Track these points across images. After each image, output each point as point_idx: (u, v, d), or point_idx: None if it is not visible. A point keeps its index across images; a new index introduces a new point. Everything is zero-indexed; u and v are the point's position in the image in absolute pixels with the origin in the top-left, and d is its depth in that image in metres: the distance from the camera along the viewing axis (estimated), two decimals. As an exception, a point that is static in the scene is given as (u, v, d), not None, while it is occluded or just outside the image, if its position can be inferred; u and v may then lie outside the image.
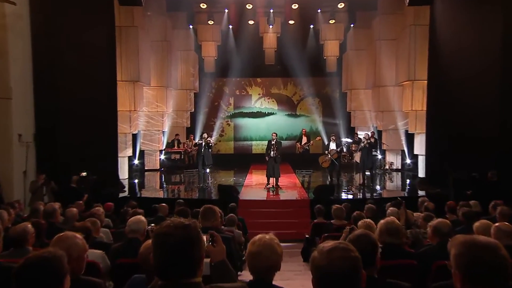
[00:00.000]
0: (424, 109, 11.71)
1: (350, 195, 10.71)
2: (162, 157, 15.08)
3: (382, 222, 3.44)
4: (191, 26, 15.74)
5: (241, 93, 18.05)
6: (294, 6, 14.69)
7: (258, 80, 17.97)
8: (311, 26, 16.47)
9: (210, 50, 16.26)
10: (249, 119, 17.93)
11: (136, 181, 12.99)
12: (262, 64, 16.73)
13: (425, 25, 11.52)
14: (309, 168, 13.42)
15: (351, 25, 15.70)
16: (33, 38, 9.49)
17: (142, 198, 9.90)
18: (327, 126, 17.04)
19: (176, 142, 15.22)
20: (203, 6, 14.65)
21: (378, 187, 11.90)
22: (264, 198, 10.11)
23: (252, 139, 17.87)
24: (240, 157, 17.05)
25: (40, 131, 9.55)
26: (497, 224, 3.54)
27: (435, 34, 10.98)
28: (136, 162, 13.93)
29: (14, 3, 8.49)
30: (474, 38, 9.47)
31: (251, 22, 15.81)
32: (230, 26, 16.22)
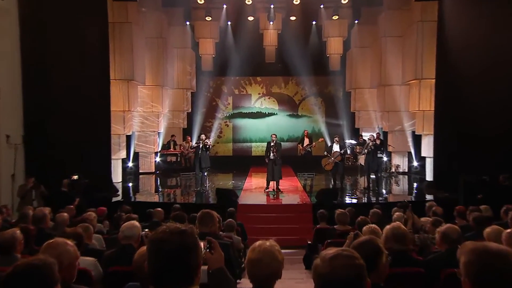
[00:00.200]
0: (432, 109, 11.70)
1: (355, 199, 10.70)
2: (158, 159, 15.07)
3: (388, 227, 3.44)
4: (188, 23, 15.77)
5: (240, 92, 18.07)
6: (296, 1, 14.70)
7: (258, 79, 17.99)
8: (314, 22, 16.50)
9: (208, 48, 16.27)
10: (248, 120, 17.94)
11: (130, 184, 12.98)
12: (262, 62, 16.75)
13: (433, 21, 11.51)
14: (311, 171, 13.44)
15: (356, 21, 15.71)
16: (21, 35, 9.49)
17: (136, 203, 9.88)
18: (330, 127, 17.06)
19: (172, 144, 15.23)
20: (201, 1, 14.68)
21: (384, 191, 11.90)
22: (264, 203, 10.10)
23: (251, 141, 17.89)
24: (239, 159, 17.06)
25: (29, 132, 9.55)
26: (509, 230, 3.54)
27: (444, 30, 10.98)
28: (130, 164, 13.94)
29: (2, -2, 8.51)
30: (484, 34, 9.49)
31: (251, 18, 15.83)
32: (229, 23, 16.25)
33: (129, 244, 3.71)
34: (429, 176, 12.40)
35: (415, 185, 12.97)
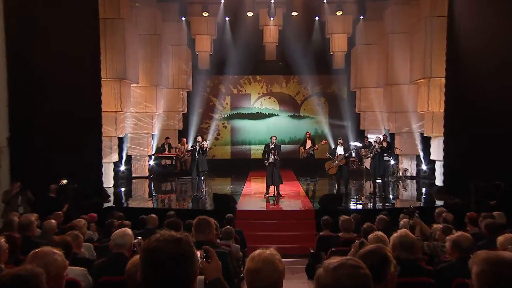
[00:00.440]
0: (441, 109, 11.71)
1: (360, 205, 10.73)
2: (152, 162, 15.09)
3: (395, 235, 3.44)
4: (184, 18, 15.81)
5: (238, 92, 18.09)
6: (298, -5, 14.79)
7: (258, 77, 18.02)
8: (316, 18, 16.56)
9: (205, 45, 16.31)
10: (247, 121, 17.97)
11: (122, 189, 12.98)
12: (262, 60, 16.80)
13: (442, 16, 11.52)
14: (314, 175, 13.41)
15: (361, 17, 15.77)
16: (7, 31, 9.48)
17: (129, 209, 9.90)
18: (334, 128, 17.10)
19: (167, 146, 15.23)
20: (197, -5, 14.74)
21: (391, 196, 11.91)
22: (264, 208, 10.10)
23: (251, 143, 17.90)
24: (237, 163, 17.09)
25: (14, 134, 9.53)
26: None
27: (454, 26, 10.98)
28: (122, 168, 13.93)
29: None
30: (498, 30, 9.48)
31: (250, 13, 15.83)
32: (227, 18, 16.30)
33: (121, 253, 3.71)
34: (438, 180, 12.40)
35: (424, 190, 12.98)
